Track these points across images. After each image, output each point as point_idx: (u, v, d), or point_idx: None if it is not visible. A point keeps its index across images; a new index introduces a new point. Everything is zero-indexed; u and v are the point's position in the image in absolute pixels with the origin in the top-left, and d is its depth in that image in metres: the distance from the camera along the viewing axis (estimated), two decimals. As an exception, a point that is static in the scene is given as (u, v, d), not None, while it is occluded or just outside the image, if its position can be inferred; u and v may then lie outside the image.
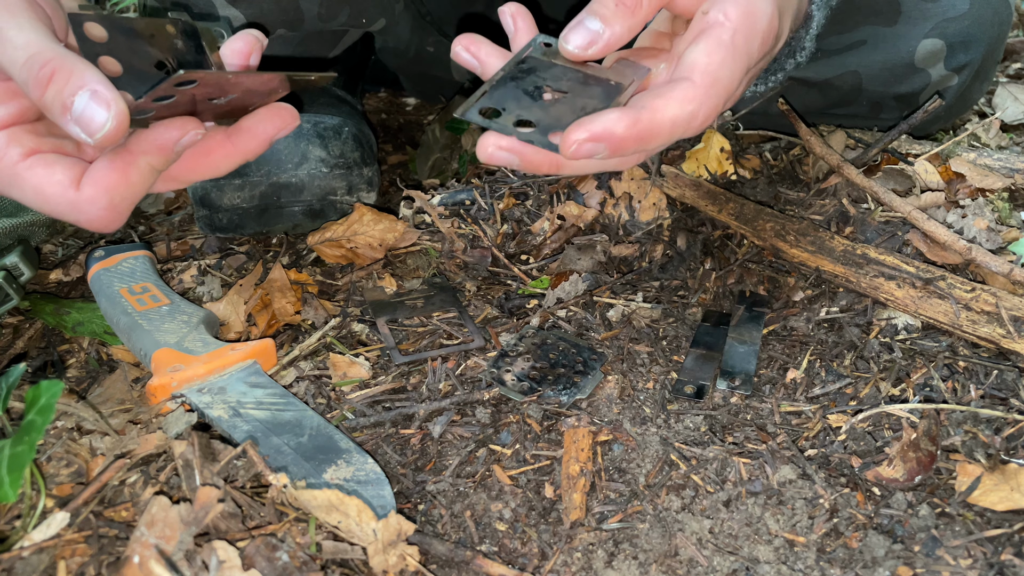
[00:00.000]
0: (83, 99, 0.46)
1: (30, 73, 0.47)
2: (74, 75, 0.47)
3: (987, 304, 0.66)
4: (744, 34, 0.50)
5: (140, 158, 0.52)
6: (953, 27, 0.82)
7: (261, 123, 0.57)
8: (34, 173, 0.50)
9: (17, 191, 0.51)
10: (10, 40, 0.48)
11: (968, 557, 0.49)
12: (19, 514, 0.53)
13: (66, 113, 0.47)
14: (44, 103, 0.47)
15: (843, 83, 0.87)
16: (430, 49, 1.16)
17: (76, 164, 0.51)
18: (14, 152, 0.50)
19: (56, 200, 0.51)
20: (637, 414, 0.63)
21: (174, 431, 0.60)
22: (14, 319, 0.80)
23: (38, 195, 0.51)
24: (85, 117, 0.46)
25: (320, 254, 0.86)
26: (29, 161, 0.51)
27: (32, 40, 0.48)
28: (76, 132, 0.47)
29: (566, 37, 0.52)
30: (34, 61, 0.47)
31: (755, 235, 0.80)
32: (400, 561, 0.51)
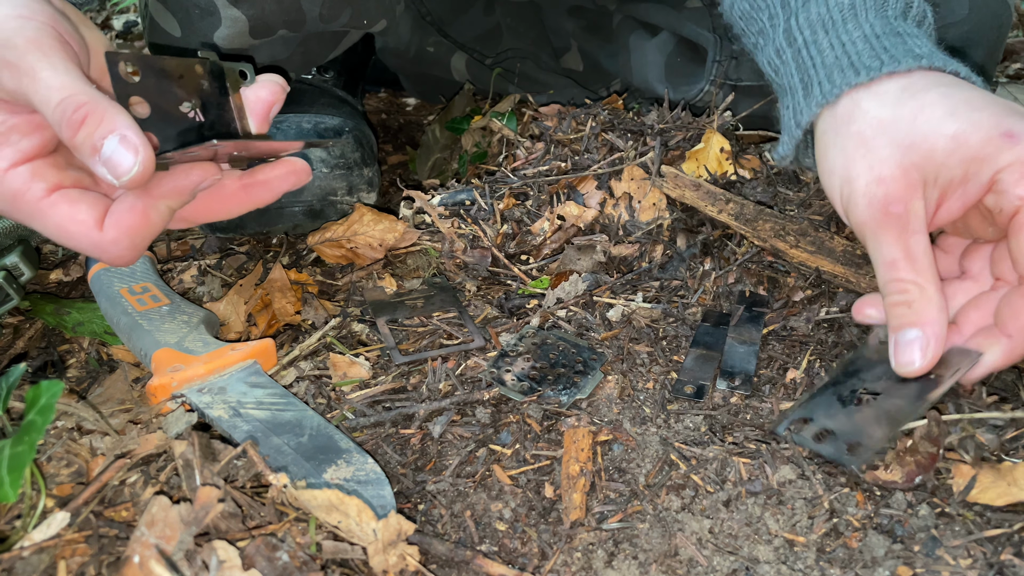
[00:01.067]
0: (112, 143, 0.48)
1: (64, 115, 0.48)
2: (105, 119, 0.48)
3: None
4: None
5: (160, 201, 0.53)
6: (952, 32, 0.82)
7: (277, 179, 0.59)
8: (58, 211, 0.52)
9: (39, 225, 0.53)
10: (44, 80, 0.49)
11: (968, 557, 0.49)
12: (19, 514, 0.53)
13: (95, 155, 0.48)
14: (75, 143, 0.49)
15: None
16: (430, 49, 1.16)
17: (98, 201, 0.53)
18: (38, 187, 0.51)
19: (79, 239, 0.52)
20: (637, 414, 0.63)
21: (174, 431, 0.60)
22: (14, 319, 0.80)
23: (61, 232, 0.52)
24: (113, 161, 0.48)
25: (320, 254, 0.86)
26: (53, 197, 0.52)
27: (66, 82, 0.49)
28: (103, 173, 0.49)
29: (900, 361, 0.55)
30: (68, 103, 0.48)
31: (755, 235, 0.80)
32: (400, 561, 0.51)
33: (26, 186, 0.51)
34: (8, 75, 0.50)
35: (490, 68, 1.18)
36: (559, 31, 1.16)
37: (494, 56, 1.17)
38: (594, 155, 0.94)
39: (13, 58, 0.49)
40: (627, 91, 1.13)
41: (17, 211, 0.52)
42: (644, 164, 0.91)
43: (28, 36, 0.50)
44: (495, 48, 1.17)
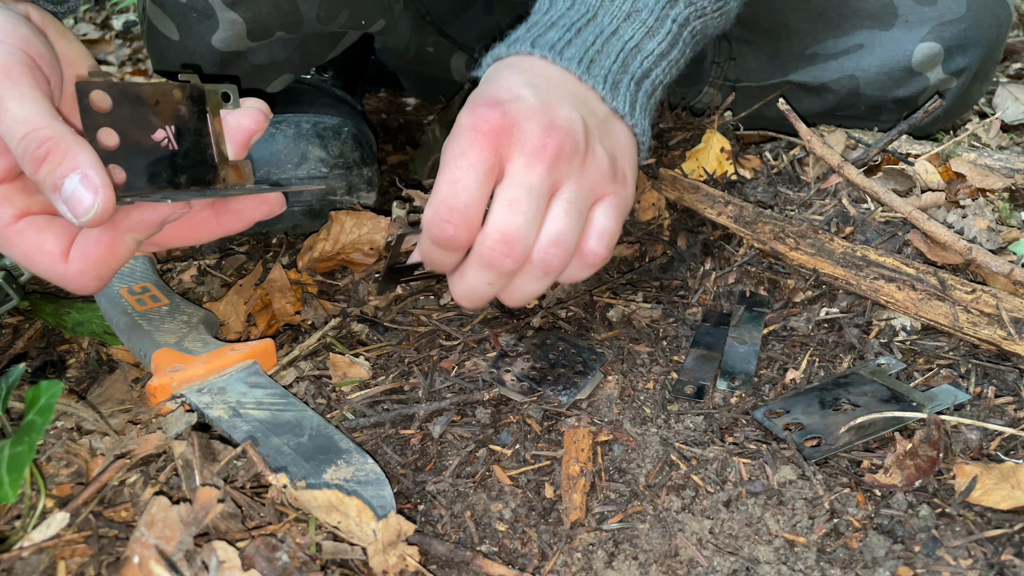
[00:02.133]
0: (73, 182, 0.47)
1: (27, 150, 0.48)
2: (67, 157, 0.48)
3: (987, 306, 0.66)
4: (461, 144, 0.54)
5: (126, 235, 0.53)
6: (950, 30, 0.82)
7: (250, 209, 0.59)
8: (24, 239, 0.51)
9: (6, 251, 0.52)
10: (9, 111, 0.48)
11: (968, 557, 0.49)
12: (19, 514, 0.53)
13: (56, 192, 0.48)
14: (37, 179, 0.48)
15: (841, 87, 0.87)
16: (430, 49, 1.16)
17: (65, 230, 0.52)
18: (5, 213, 0.51)
19: (44, 269, 0.52)
20: (637, 414, 0.63)
21: (174, 431, 0.60)
22: (14, 319, 0.80)
23: (27, 260, 0.52)
24: (73, 200, 0.48)
25: (314, 269, 0.85)
26: (20, 225, 0.51)
27: (31, 114, 0.48)
28: (64, 211, 0.48)
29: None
30: (31, 139, 0.48)
31: (754, 238, 0.80)
32: (400, 561, 0.51)
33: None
34: None
35: (490, 68, 1.18)
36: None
37: (494, 56, 1.17)
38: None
39: None
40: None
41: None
42: (646, 166, 0.91)
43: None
44: (495, 48, 1.17)
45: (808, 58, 0.88)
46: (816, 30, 0.86)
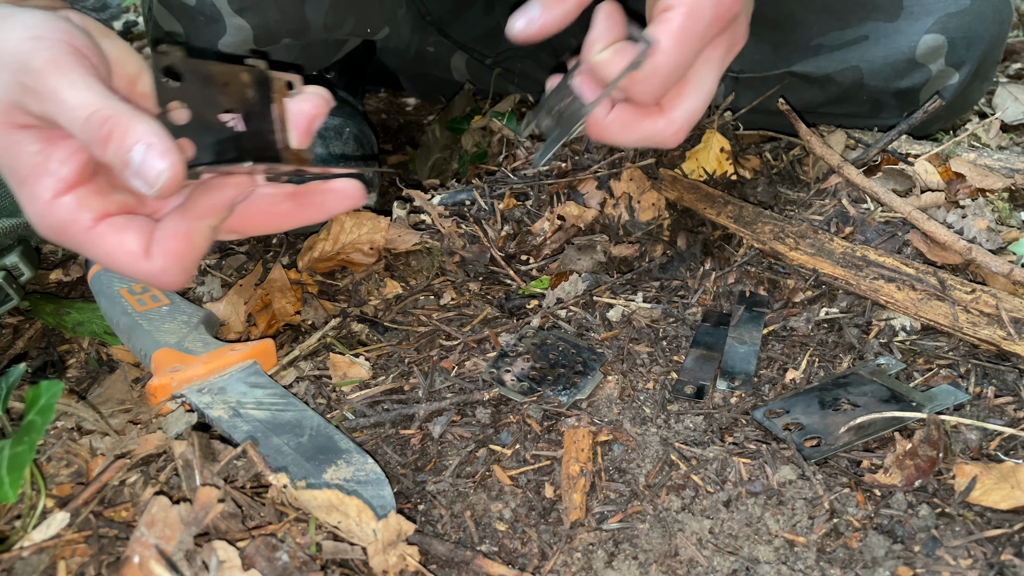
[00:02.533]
0: (139, 152, 0.47)
1: (92, 133, 0.48)
2: (130, 130, 0.48)
3: (987, 306, 0.66)
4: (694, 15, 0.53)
5: (200, 222, 0.53)
6: (955, 22, 0.82)
7: (333, 201, 0.58)
8: (106, 240, 0.52)
9: (90, 254, 0.53)
10: (67, 101, 0.48)
11: (968, 557, 0.49)
12: (19, 514, 0.53)
13: (126, 167, 0.48)
14: (107, 160, 0.48)
15: (844, 78, 0.87)
16: (430, 49, 1.16)
17: (144, 227, 0.53)
18: (84, 217, 0.51)
19: (129, 268, 0.52)
20: (637, 414, 0.63)
21: (174, 431, 0.60)
22: (14, 319, 0.80)
23: (111, 261, 0.52)
24: (143, 169, 0.48)
25: (314, 269, 0.86)
26: (100, 228, 0.52)
27: (88, 98, 0.48)
28: (138, 186, 0.48)
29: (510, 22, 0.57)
30: (94, 120, 0.48)
31: (754, 238, 0.80)
32: (400, 561, 0.51)
33: (72, 216, 0.51)
34: (32, 101, 0.49)
35: (490, 68, 1.18)
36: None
37: (494, 56, 1.17)
38: (594, 155, 0.94)
39: (33, 83, 0.48)
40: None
41: (65, 240, 0.52)
42: (647, 168, 0.91)
43: (45, 57, 0.49)
44: (495, 48, 1.17)
45: (812, 49, 0.88)
46: (821, 21, 0.86)
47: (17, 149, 0.51)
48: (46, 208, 0.51)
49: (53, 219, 0.51)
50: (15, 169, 0.51)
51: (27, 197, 0.52)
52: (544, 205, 0.91)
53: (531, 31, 0.56)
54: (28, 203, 0.52)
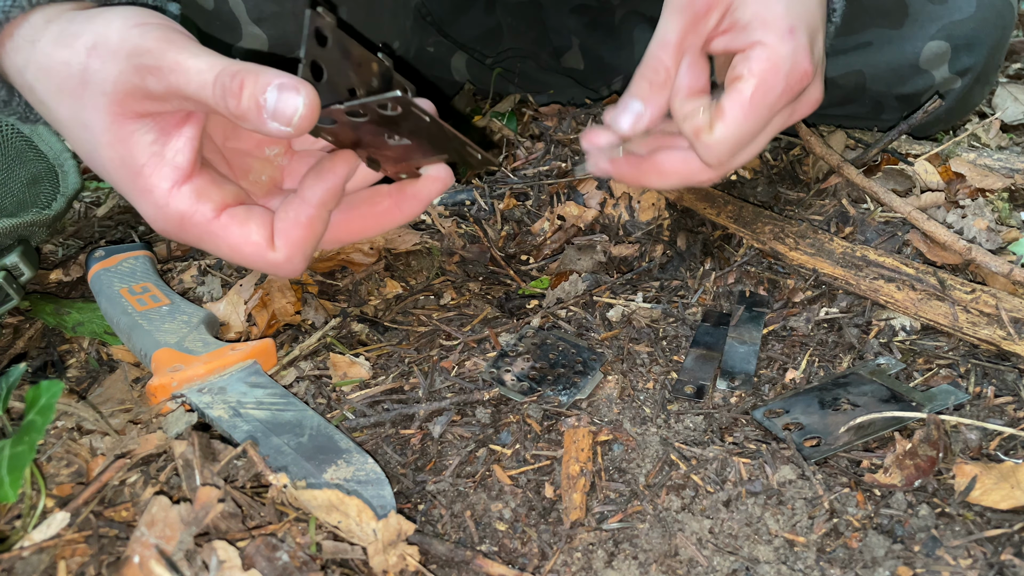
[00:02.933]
0: (273, 93, 0.48)
1: (225, 87, 0.48)
2: (260, 76, 0.48)
3: (987, 306, 0.66)
4: (765, 87, 0.54)
5: (320, 209, 0.54)
6: (959, 29, 0.82)
7: (426, 190, 0.59)
8: (230, 232, 0.52)
9: (209, 247, 0.53)
10: (191, 68, 0.48)
11: (968, 557, 0.49)
12: (19, 514, 0.53)
13: (262, 112, 0.48)
14: (241, 110, 0.48)
15: (847, 82, 0.87)
16: (430, 49, 1.16)
17: (264, 218, 0.53)
18: (205, 209, 0.51)
19: (255, 260, 0.53)
20: (637, 414, 0.63)
21: (174, 431, 0.60)
22: (14, 319, 0.80)
23: (235, 254, 0.53)
24: (279, 108, 0.48)
25: (314, 269, 0.86)
26: (223, 219, 0.52)
27: (212, 61, 0.49)
28: (275, 128, 0.48)
29: (616, 119, 0.60)
30: (224, 76, 0.48)
31: (754, 238, 0.80)
32: (400, 561, 0.51)
33: (193, 208, 0.51)
34: (154, 80, 0.49)
35: (490, 68, 1.18)
36: (560, 29, 1.16)
37: (494, 56, 1.17)
38: (594, 155, 0.94)
39: (152, 61, 0.49)
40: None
41: (184, 233, 0.52)
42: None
43: (156, 36, 0.49)
44: (495, 48, 1.17)
45: None
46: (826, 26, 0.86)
47: (133, 140, 0.51)
48: (165, 198, 0.51)
49: (173, 210, 0.51)
50: (129, 160, 0.51)
51: (142, 189, 0.51)
52: (544, 205, 0.91)
53: (641, 126, 0.58)
54: (143, 195, 0.52)
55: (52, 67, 0.51)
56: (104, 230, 1.00)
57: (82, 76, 0.50)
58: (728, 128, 0.55)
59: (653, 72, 0.58)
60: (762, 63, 0.54)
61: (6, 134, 0.86)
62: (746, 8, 0.55)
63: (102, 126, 0.50)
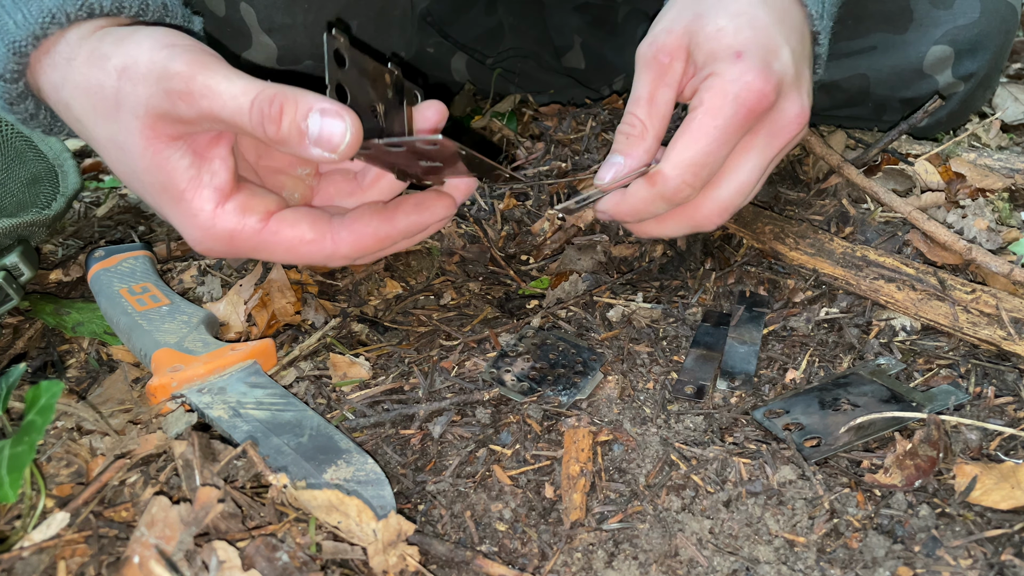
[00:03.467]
0: (316, 119, 0.48)
1: (263, 113, 0.48)
2: (300, 102, 0.48)
3: (987, 306, 0.66)
4: (712, 111, 0.54)
5: (401, 234, 0.56)
6: (963, 34, 0.83)
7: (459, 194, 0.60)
8: (283, 237, 0.53)
9: (264, 254, 0.53)
10: (225, 92, 0.48)
11: (968, 557, 0.49)
12: (19, 514, 0.53)
13: (303, 139, 0.48)
14: (281, 135, 0.48)
15: (851, 85, 0.87)
16: (430, 50, 1.16)
17: (312, 214, 0.54)
18: (252, 221, 0.52)
19: (317, 258, 0.54)
20: (637, 414, 0.63)
21: (174, 431, 0.60)
22: (14, 319, 0.80)
23: (295, 255, 0.53)
24: (324, 135, 0.48)
25: (314, 269, 0.86)
26: (272, 226, 0.52)
27: (246, 85, 0.48)
28: (318, 154, 0.48)
29: (599, 175, 0.60)
30: (262, 101, 0.48)
31: (754, 238, 0.80)
32: (400, 561, 0.51)
33: (241, 223, 0.52)
34: (184, 105, 0.48)
35: (491, 68, 1.18)
36: (562, 28, 1.16)
37: (495, 56, 1.17)
38: (594, 155, 0.94)
39: (181, 85, 0.48)
40: (629, 89, 1.13)
41: (235, 249, 0.53)
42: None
43: (186, 59, 0.49)
44: (496, 48, 1.17)
45: None
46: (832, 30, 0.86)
47: (171, 166, 0.51)
48: (211, 220, 0.51)
49: (220, 230, 0.51)
50: (170, 186, 0.51)
51: (185, 213, 0.52)
52: (544, 205, 0.91)
53: (619, 176, 0.59)
54: (188, 219, 0.52)
55: (88, 87, 0.51)
56: (104, 230, 1.00)
57: (116, 99, 0.50)
58: (676, 155, 0.55)
59: (629, 127, 0.59)
60: (711, 91, 0.54)
61: (6, 134, 0.86)
62: (700, 49, 0.56)
63: (138, 151, 0.50)
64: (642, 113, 0.59)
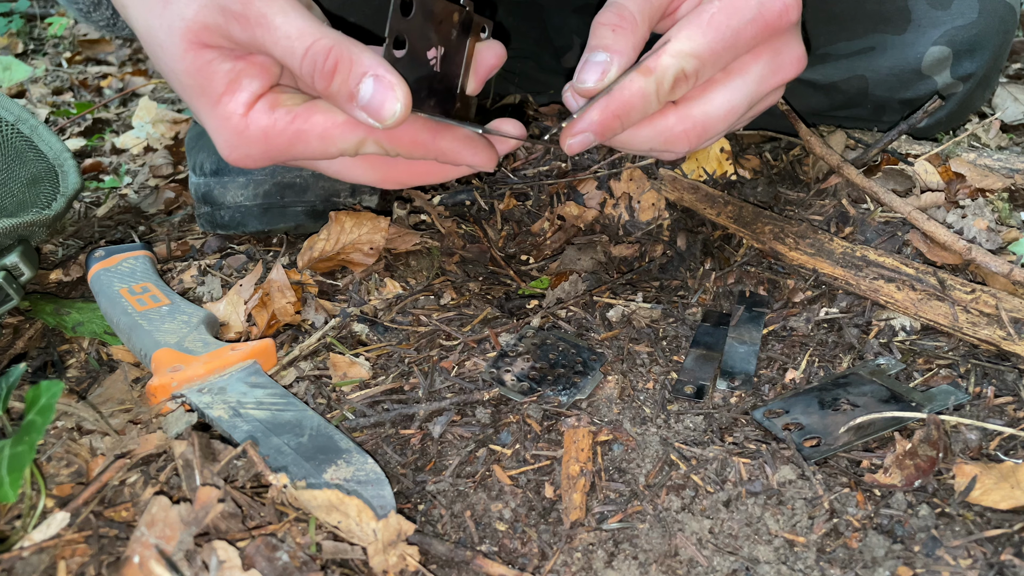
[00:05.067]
0: (368, 86, 0.46)
1: (315, 65, 0.47)
2: (355, 62, 0.47)
3: (987, 306, 0.66)
4: (731, 7, 0.50)
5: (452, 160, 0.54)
6: (962, 35, 0.83)
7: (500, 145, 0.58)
8: (314, 122, 0.50)
9: (300, 149, 0.51)
10: (280, 29, 0.47)
11: (968, 557, 0.49)
12: (19, 514, 0.53)
13: (352, 101, 0.47)
14: (330, 92, 0.47)
15: (849, 87, 0.87)
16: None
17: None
18: (282, 115, 0.50)
19: (348, 138, 0.51)
20: (637, 414, 0.63)
21: (174, 431, 0.60)
22: (14, 319, 0.80)
23: (326, 143, 0.51)
24: (374, 103, 0.47)
25: (314, 269, 0.86)
26: (302, 112, 0.50)
27: (304, 27, 0.47)
28: (363, 118, 0.47)
29: (581, 78, 0.53)
30: (316, 51, 0.47)
31: (754, 238, 0.80)
32: (400, 561, 0.51)
33: (271, 119, 0.50)
34: (239, 27, 0.48)
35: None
36: (562, 29, 1.16)
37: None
38: (594, 155, 0.94)
39: (240, 8, 0.47)
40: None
41: (272, 149, 0.51)
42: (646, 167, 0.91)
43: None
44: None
45: (819, 57, 0.88)
46: (830, 31, 0.86)
47: (210, 68, 0.50)
48: (243, 123, 0.50)
49: (255, 130, 0.50)
50: (207, 88, 0.50)
51: (220, 117, 0.51)
52: (544, 205, 0.91)
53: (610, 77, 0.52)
54: (221, 124, 0.51)
55: None
56: (104, 230, 1.00)
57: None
58: (678, 44, 0.49)
59: (616, 18, 0.52)
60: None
61: (6, 134, 0.86)
62: None
63: (178, 52, 0.50)
64: (632, 4, 0.52)
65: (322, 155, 0.52)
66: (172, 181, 1.17)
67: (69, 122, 1.50)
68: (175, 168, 1.23)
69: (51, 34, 2.06)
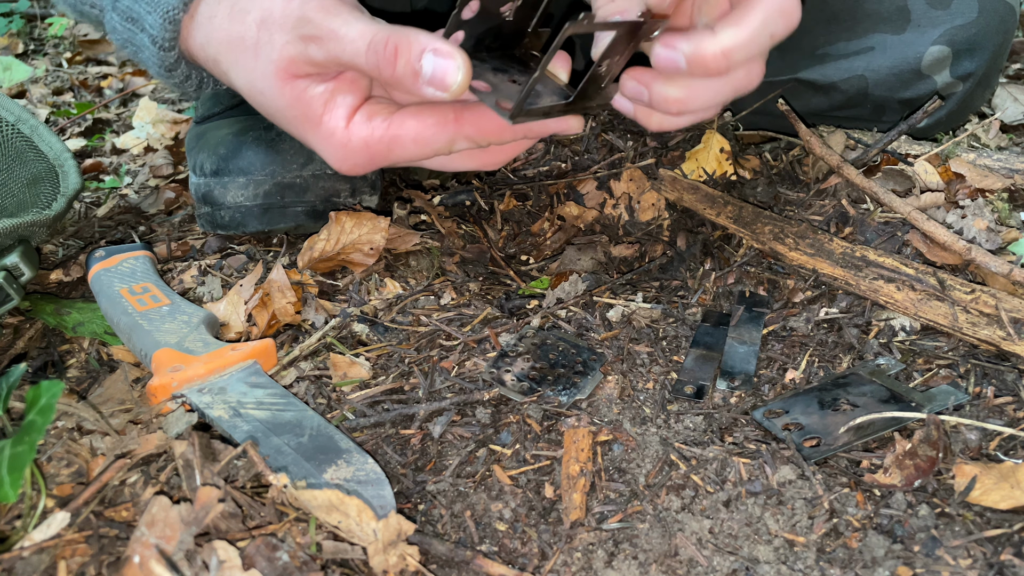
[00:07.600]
0: (429, 60, 0.49)
1: (378, 55, 0.50)
2: (412, 43, 0.50)
3: (987, 306, 0.66)
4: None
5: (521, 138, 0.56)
6: (961, 34, 0.83)
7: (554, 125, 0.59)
8: (407, 127, 0.54)
9: (399, 154, 0.55)
10: (346, 36, 0.51)
11: (968, 557, 0.49)
12: (19, 514, 0.53)
13: (418, 79, 0.50)
14: (397, 77, 0.50)
15: (849, 87, 0.87)
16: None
17: (433, 105, 0.54)
18: (378, 123, 0.54)
19: (442, 139, 0.54)
20: (637, 414, 0.63)
21: (174, 431, 0.60)
22: (14, 319, 0.80)
23: (420, 146, 0.54)
24: (437, 76, 0.49)
25: (314, 269, 0.86)
26: (395, 121, 0.54)
27: (363, 28, 0.51)
28: (432, 93, 0.50)
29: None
30: (376, 43, 0.50)
31: (754, 238, 0.80)
32: (400, 561, 0.51)
33: (369, 128, 0.54)
34: (316, 48, 0.52)
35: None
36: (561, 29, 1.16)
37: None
38: (594, 155, 0.94)
39: (313, 31, 0.52)
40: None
41: (373, 156, 0.55)
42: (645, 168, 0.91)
43: (314, 6, 0.52)
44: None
45: (819, 57, 0.88)
46: (829, 31, 0.86)
47: (306, 95, 0.54)
48: (345, 135, 0.54)
49: (356, 141, 0.54)
50: (308, 114, 0.55)
51: (324, 135, 0.55)
52: (544, 205, 0.91)
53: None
54: (327, 141, 0.55)
55: (231, 41, 0.56)
56: (104, 230, 1.00)
57: (255, 48, 0.54)
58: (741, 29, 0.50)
59: None
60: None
61: (6, 134, 0.86)
62: None
63: (276, 91, 0.54)
64: None
65: (420, 157, 0.55)
66: (172, 181, 1.18)
67: (69, 122, 1.50)
68: (175, 168, 1.23)
69: (51, 34, 2.06)
